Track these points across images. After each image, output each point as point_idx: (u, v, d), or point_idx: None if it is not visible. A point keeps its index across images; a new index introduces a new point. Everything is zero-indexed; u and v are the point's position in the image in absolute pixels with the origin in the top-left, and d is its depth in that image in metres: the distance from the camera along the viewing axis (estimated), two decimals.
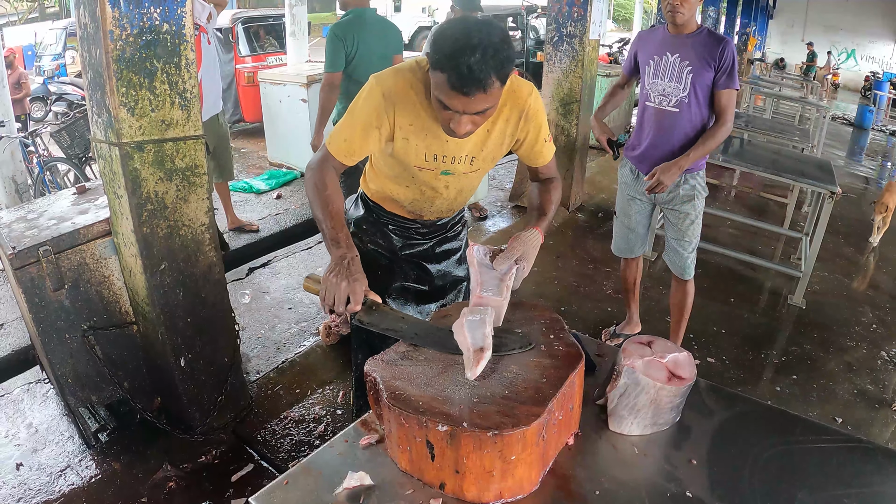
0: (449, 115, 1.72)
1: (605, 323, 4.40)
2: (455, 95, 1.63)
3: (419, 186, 2.15)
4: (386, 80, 1.91)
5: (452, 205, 2.28)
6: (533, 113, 2.01)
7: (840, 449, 1.54)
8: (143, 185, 2.57)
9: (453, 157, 2.02)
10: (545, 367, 1.46)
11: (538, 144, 2.10)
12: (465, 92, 1.61)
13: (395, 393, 1.37)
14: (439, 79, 1.63)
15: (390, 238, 2.38)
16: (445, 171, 2.07)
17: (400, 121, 1.92)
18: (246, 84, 9.31)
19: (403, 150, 1.99)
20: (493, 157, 2.10)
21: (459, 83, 1.59)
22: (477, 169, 2.11)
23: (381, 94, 1.89)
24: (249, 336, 3.95)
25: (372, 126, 1.91)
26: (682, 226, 3.49)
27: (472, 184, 2.21)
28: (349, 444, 1.48)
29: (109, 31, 2.29)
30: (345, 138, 1.95)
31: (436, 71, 1.64)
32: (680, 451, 1.50)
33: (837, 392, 3.84)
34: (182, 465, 2.98)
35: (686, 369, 1.51)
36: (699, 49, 3.17)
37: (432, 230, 2.40)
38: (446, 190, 2.16)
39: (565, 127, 6.31)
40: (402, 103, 1.89)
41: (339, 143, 1.96)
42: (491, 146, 2.04)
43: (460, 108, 1.68)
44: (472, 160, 2.05)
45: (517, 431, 1.25)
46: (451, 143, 1.98)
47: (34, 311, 2.76)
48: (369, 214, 2.38)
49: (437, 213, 2.30)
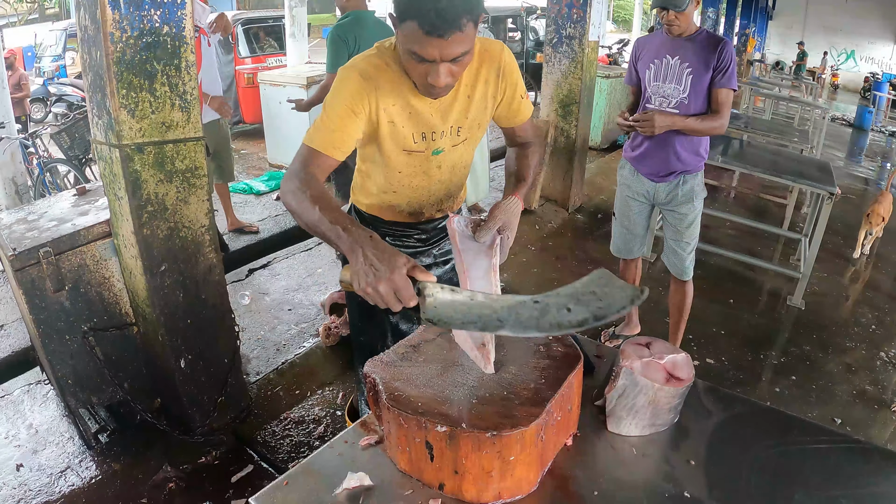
0: (425, 69, 1.64)
1: (604, 324, 4.40)
2: (430, 41, 1.55)
3: (412, 177, 2.03)
4: (359, 62, 1.83)
5: (449, 187, 2.15)
6: (509, 69, 1.96)
7: (838, 450, 1.54)
8: (144, 186, 2.57)
9: (441, 132, 1.94)
10: (544, 368, 1.46)
11: (515, 101, 2.03)
12: (440, 34, 1.53)
13: (394, 394, 1.37)
14: (410, 28, 1.55)
15: None
16: (436, 150, 1.98)
17: (383, 102, 1.82)
18: (246, 85, 9.32)
19: (391, 136, 1.89)
20: (478, 123, 2.02)
21: (434, 25, 1.51)
22: (465, 139, 2.02)
23: (357, 75, 1.79)
24: (249, 337, 3.95)
25: (353, 111, 1.79)
26: (680, 227, 3.50)
27: (464, 158, 2.11)
28: (349, 444, 1.48)
29: (110, 33, 2.29)
30: (331, 129, 1.80)
31: (405, 21, 1.55)
32: (678, 451, 1.50)
33: (836, 393, 3.84)
34: (182, 466, 2.99)
35: (684, 370, 1.51)
36: (699, 51, 3.18)
37: (432, 234, 2.28)
38: (439, 170, 2.05)
39: (565, 128, 6.32)
40: (382, 80, 1.80)
41: (324, 136, 1.79)
42: (475, 112, 1.97)
43: (437, 56, 1.59)
44: (458, 130, 1.98)
45: (516, 432, 1.25)
46: (436, 116, 1.90)
47: (34, 313, 2.77)
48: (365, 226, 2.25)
49: (436, 202, 2.16)
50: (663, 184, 3.45)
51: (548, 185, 6.52)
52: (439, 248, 2.33)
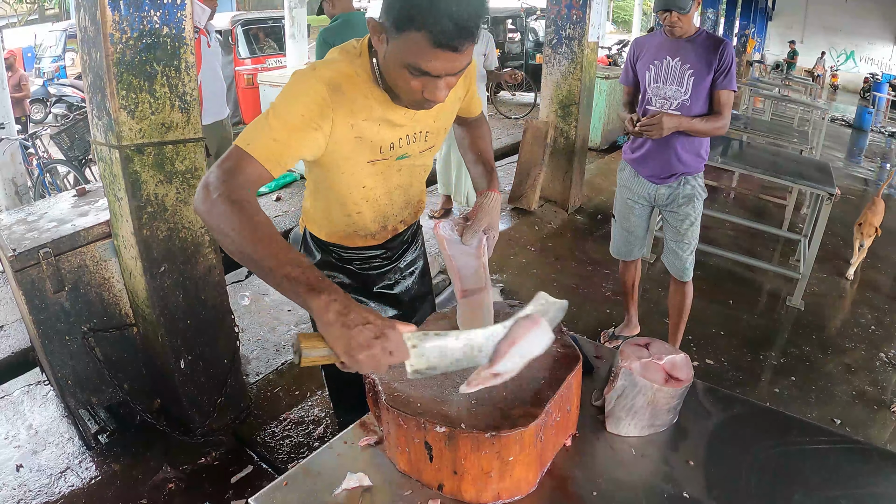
0: (422, 84, 1.45)
1: (603, 325, 4.41)
2: (440, 54, 1.37)
3: (375, 189, 1.81)
4: (325, 69, 1.57)
5: (412, 193, 1.96)
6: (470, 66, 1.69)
7: (837, 450, 1.54)
8: (143, 187, 2.58)
9: (408, 137, 1.74)
10: (543, 368, 1.46)
11: (470, 91, 1.94)
12: (454, 47, 1.36)
13: (393, 395, 1.37)
14: (416, 40, 1.36)
15: (357, 276, 2.03)
16: (401, 156, 1.77)
17: (352, 117, 1.59)
18: (245, 86, 9.32)
19: (357, 150, 1.67)
20: (444, 127, 1.87)
21: (449, 37, 1.34)
22: (431, 146, 1.85)
23: (323, 85, 1.53)
24: (249, 338, 3.96)
25: (311, 126, 1.52)
26: (681, 228, 3.50)
27: (427, 163, 1.94)
28: (348, 445, 1.48)
29: (109, 34, 2.29)
30: (274, 138, 1.47)
31: (408, 32, 1.36)
32: (677, 452, 1.50)
33: (836, 393, 3.84)
34: (182, 467, 2.99)
35: (683, 371, 1.52)
36: (699, 52, 3.18)
37: (395, 251, 2.08)
38: (399, 174, 1.84)
39: (564, 129, 6.32)
40: (351, 93, 1.57)
41: (265, 144, 1.47)
42: (443, 116, 1.82)
43: (443, 70, 1.41)
44: (426, 135, 1.80)
45: (515, 433, 1.26)
46: (407, 126, 1.71)
47: (34, 313, 2.77)
48: (328, 256, 2.00)
49: (399, 213, 1.96)
50: (664, 185, 3.45)
51: (547, 185, 6.52)
52: (403, 259, 2.14)
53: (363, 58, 1.60)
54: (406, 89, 1.49)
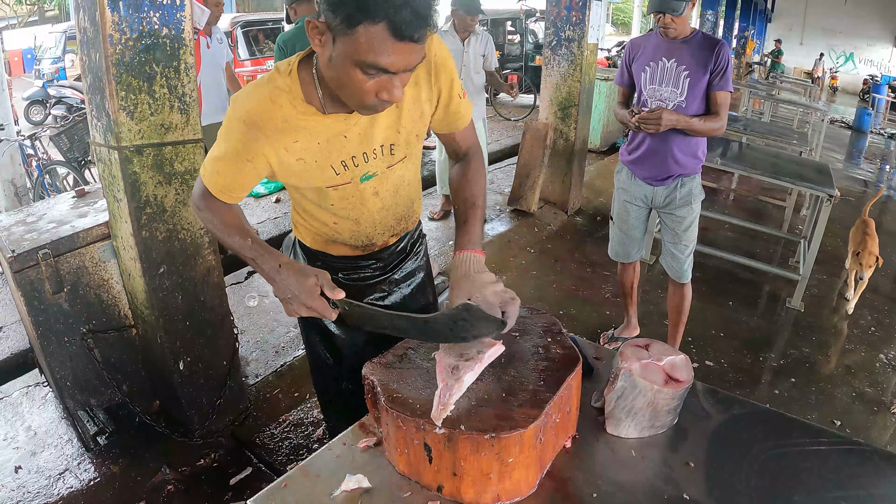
0: (378, 84, 1.37)
1: (603, 326, 4.41)
2: (399, 47, 1.30)
3: (348, 210, 1.75)
4: (242, 103, 1.54)
5: (397, 211, 1.86)
6: (441, 63, 1.65)
7: (837, 451, 1.54)
8: (143, 188, 2.57)
9: (364, 154, 1.65)
10: (542, 370, 1.46)
11: (453, 102, 1.73)
12: (414, 37, 1.29)
13: (392, 396, 1.37)
14: (373, 34, 1.28)
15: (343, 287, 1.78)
16: (365, 176, 1.69)
17: (281, 144, 1.55)
18: None
19: (306, 174, 1.63)
20: (416, 134, 1.73)
21: (409, 27, 1.27)
22: (403, 157, 1.73)
23: (241, 122, 1.52)
24: (248, 340, 3.95)
25: (243, 159, 1.55)
26: (678, 230, 3.49)
27: (406, 177, 1.82)
28: (347, 446, 1.48)
29: (109, 35, 2.30)
30: (217, 170, 1.60)
31: (362, 25, 1.27)
32: (677, 453, 1.50)
33: (836, 395, 3.84)
34: (181, 469, 2.98)
35: (683, 372, 1.51)
36: (695, 53, 3.18)
37: (389, 261, 2.00)
38: (377, 197, 1.76)
39: (564, 131, 6.32)
40: (270, 125, 1.53)
41: (212, 177, 1.61)
42: (408, 122, 1.68)
43: (402, 65, 1.34)
44: (391, 148, 1.69)
45: (514, 434, 1.25)
46: (355, 140, 1.61)
47: (33, 315, 2.77)
48: (314, 263, 1.91)
49: (386, 230, 1.88)
50: (661, 187, 3.45)
51: (547, 187, 6.52)
52: (400, 270, 2.04)
53: (292, 76, 1.53)
54: (358, 92, 1.39)
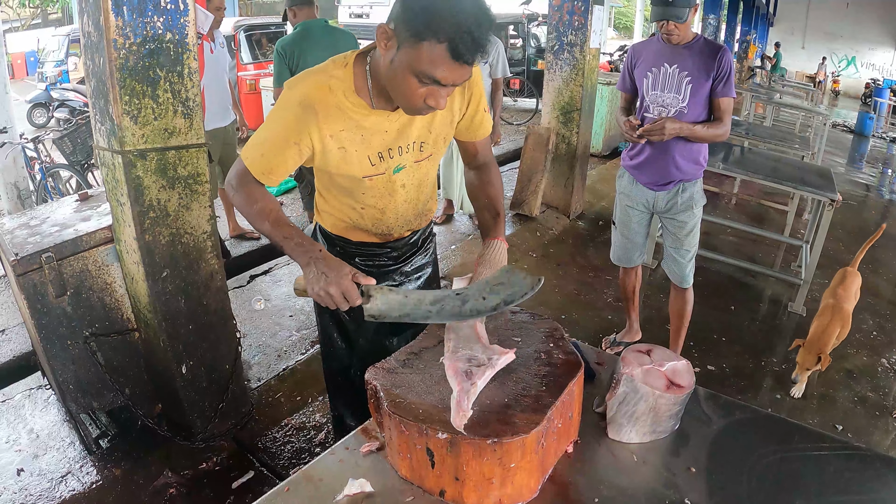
0: (428, 92, 1.54)
1: (605, 331, 4.41)
2: (455, 66, 1.47)
3: (376, 199, 1.93)
4: (299, 85, 1.72)
5: (417, 205, 2.04)
6: (474, 79, 1.86)
7: (839, 457, 1.54)
8: (146, 192, 2.58)
9: (399, 148, 1.83)
10: (545, 375, 1.46)
11: (478, 115, 1.94)
12: (468, 60, 1.47)
13: (395, 401, 1.37)
14: (432, 50, 1.45)
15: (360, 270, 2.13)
16: (397, 168, 1.87)
17: (328, 128, 1.72)
18: (248, 91, 9.33)
19: (344, 162, 1.79)
20: (443, 137, 1.92)
21: (467, 51, 1.44)
22: (429, 154, 1.92)
23: (297, 102, 1.69)
24: (250, 343, 3.96)
25: (290, 141, 1.71)
26: (680, 234, 3.49)
27: (430, 175, 2.02)
28: (350, 451, 1.48)
29: (113, 39, 2.30)
30: (262, 153, 1.74)
31: (426, 41, 1.45)
32: (678, 458, 1.50)
33: (838, 399, 3.84)
34: (183, 472, 2.98)
35: (685, 378, 1.52)
36: (697, 59, 3.18)
37: (403, 252, 2.18)
38: (404, 189, 1.94)
39: (566, 135, 6.33)
40: (324, 108, 1.69)
41: (255, 159, 1.74)
42: (439, 125, 1.87)
43: (452, 80, 1.51)
44: (421, 145, 1.87)
45: (516, 439, 1.26)
46: (393, 133, 1.79)
47: (36, 318, 2.77)
48: (333, 248, 2.11)
49: (404, 222, 2.06)
50: (662, 192, 3.45)
51: (549, 191, 6.52)
52: (411, 264, 2.22)
53: (347, 68, 1.71)
54: (409, 95, 1.56)
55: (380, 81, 1.67)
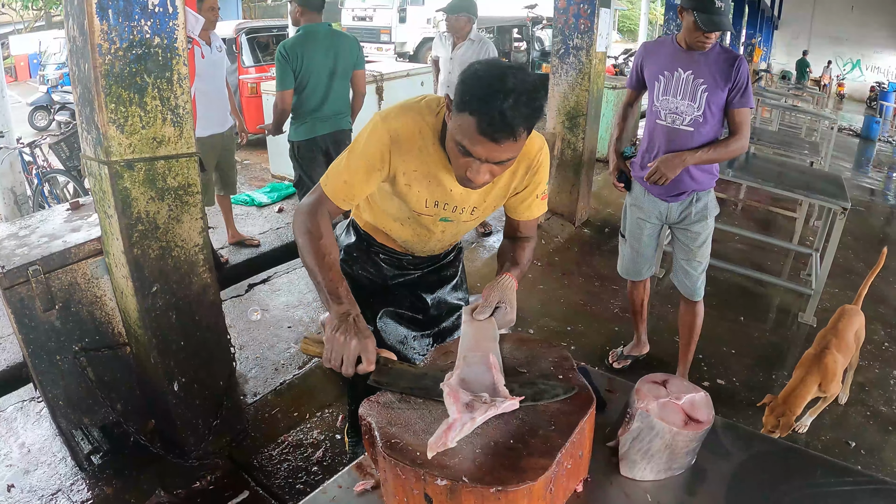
0: (467, 163, 1.62)
1: (612, 343, 4.32)
2: (482, 141, 1.53)
3: (415, 228, 2.08)
4: (393, 119, 1.80)
5: (445, 245, 2.25)
6: (538, 167, 1.94)
7: (864, 492, 1.46)
8: (134, 204, 2.49)
9: (455, 207, 1.96)
10: (553, 412, 1.36)
11: (530, 199, 2.02)
12: (494, 138, 1.52)
13: (390, 441, 1.27)
14: (465, 122, 1.53)
15: (380, 267, 2.31)
16: (445, 219, 2.01)
17: (404, 166, 1.83)
18: (249, 95, 9.26)
19: (405, 194, 1.91)
20: (493, 206, 2.04)
21: (491, 128, 1.50)
22: (477, 217, 2.06)
23: (387, 134, 1.78)
24: (247, 356, 3.87)
25: (374, 168, 1.81)
26: (693, 246, 3.40)
27: (469, 227, 2.15)
28: (343, 489, 1.39)
29: (98, 44, 2.21)
30: (345, 180, 1.83)
31: (462, 113, 1.53)
32: (695, 497, 1.41)
33: (850, 414, 3.75)
34: (176, 491, 2.91)
35: (703, 412, 1.42)
36: (713, 66, 3.07)
37: (424, 261, 2.34)
38: (442, 234, 2.11)
39: (571, 141, 6.25)
40: (408, 147, 1.80)
41: (336, 185, 1.84)
42: (494, 197, 1.98)
43: (484, 156, 1.58)
44: (473, 210, 2.00)
45: (523, 487, 1.16)
46: (455, 194, 1.91)
47: (24, 332, 2.69)
48: (360, 243, 2.29)
49: (428, 252, 2.26)
50: (675, 203, 3.35)
51: (554, 198, 6.44)
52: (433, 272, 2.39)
53: (438, 117, 1.80)
54: (455, 163, 1.68)
55: None
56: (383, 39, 17.65)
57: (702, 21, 2.96)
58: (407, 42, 17.44)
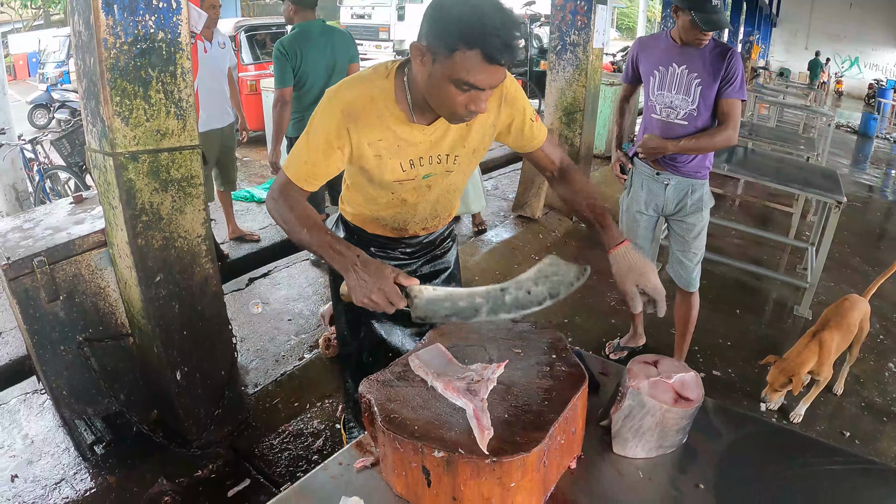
0: (469, 98, 1.60)
1: (609, 335, 4.35)
2: (490, 69, 1.54)
3: (400, 197, 1.99)
4: (344, 92, 1.77)
5: (436, 208, 2.12)
6: (512, 96, 1.91)
7: (852, 471, 1.49)
8: (138, 195, 2.53)
9: (430, 158, 1.89)
10: (547, 389, 1.41)
11: (527, 126, 1.98)
12: (502, 61, 1.53)
13: (389, 416, 1.32)
14: (468, 58, 1.51)
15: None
16: (426, 175, 1.93)
17: (368, 137, 1.77)
18: (248, 92, 9.28)
19: (378, 168, 1.85)
20: (474, 151, 1.97)
21: (498, 53, 1.51)
22: (461, 166, 1.99)
23: (339, 109, 1.75)
24: (248, 348, 3.90)
25: (333, 147, 1.77)
26: (688, 237, 3.43)
27: (456, 182, 2.08)
28: (343, 466, 1.43)
29: (103, 39, 2.25)
30: (305, 160, 1.80)
31: (460, 51, 1.51)
32: (686, 474, 1.45)
33: (844, 405, 3.78)
34: (178, 480, 2.93)
35: (693, 390, 1.46)
36: (707, 60, 3.10)
37: (418, 249, 2.25)
38: (429, 191, 2.01)
39: (569, 136, 6.28)
40: (365, 117, 1.75)
41: (298, 167, 1.81)
42: (473, 139, 1.92)
43: (489, 84, 1.58)
44: (455, 158, 1.93)
45: (517, 458, 1.20)
46: (426, 145, 1.84)
47: (28, 323, 2.73)
48: (350, 237, 2.20)
49: (421, 220, 2.13)
50: (672, 191, 3.38)
51: (551, 193, 6.41)
52: (425, 261, 2.30)
53: (389, 79, 1.76)
54: (451, 104, 1.63)
55: (417, 95, 1.73)
56: (382, 37, 17.67)
57: (700, 20, 2.99)
58: (405, 40, 17.43)
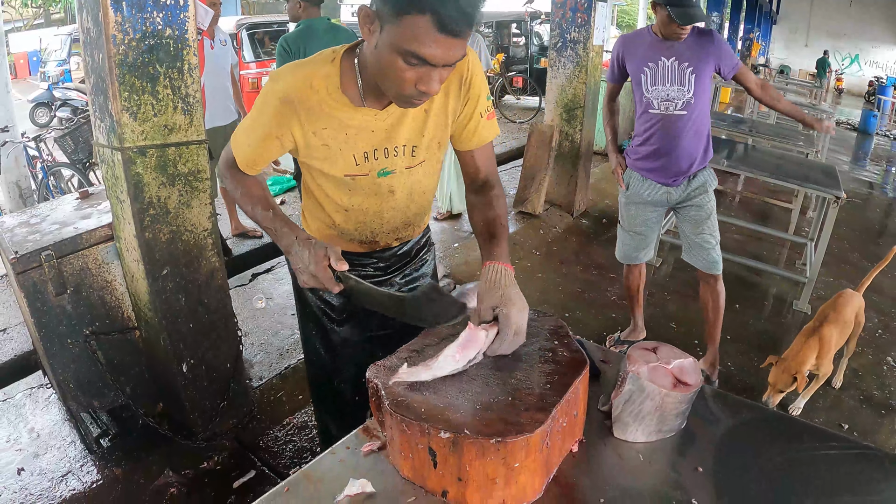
0: (417, 75, 1.41)
1: (609, 330, 4.38)
2: (442, 40, 1.34)
3: (360, 199, 1.80)
4: (281, 80, 1.62)
5: (407, 215, 1.90)
6: (473, 77, 1.72)
7: (848, 457, 1.51)
8: (146, 189, 2.56)
9: (385, 150, 1.70)
10: (549, 373, 1.44)
11: (474, 119, 1.77)
12: (456, 32, 1.34)
13: (396, 399, 1.35)
14: (417, 24, 1.33)
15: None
16: (383, 171, 1.74)
17: (311, 126, 1.63)
18: (250, 90, 9.31)
19: (328, 160, 1.69)
20: (437, 141, 1.78)
21: (453, 21, 1.32)
22: (422, 160, 1.78)
23: (276, 98, 1.60)
24: (252, 342, 3.93)
25: (272, 135, 1.65)
26: (700, 219, 3.44)
27: (423, 182, 1.86)
28: (351, 450, 1.46)
29: (112, 35, 2.29)
30: (248, 143, 1.70)
31: (409, 15, 1.33)
32: (685, 458, 1.48)
33: (843, 398, 3.81)
34: (184, 472, 2.97)
35: (692, 375, 1.49)
36: (693, 48, 3.20)
37: (392, 262, 2.03)
38: (392, 196, 1.81)
39: (569, 133, 6.31)
40: (305, 105, 1.60)
41: (244, 150, 1.72)
42: (432, 128, 1.73)
43: (441, 59, 1.38)
44: (413, 149, 1.74)
45: (521, 438, 1.23)
46: (381, 133, 1.68)
47: (36, 316, 2.76)
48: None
49: (391, 230, 1.91)
50: (674, 187, 3.42)
51: (552, 189, 6.50)
52: (402, 274, 2.06)
53: (334, 64, 1.61)
54: (398, 80, 1.44)
55: (369, 76, 1.56)
56: None
57: (676, 15, 3.07)
58: None
